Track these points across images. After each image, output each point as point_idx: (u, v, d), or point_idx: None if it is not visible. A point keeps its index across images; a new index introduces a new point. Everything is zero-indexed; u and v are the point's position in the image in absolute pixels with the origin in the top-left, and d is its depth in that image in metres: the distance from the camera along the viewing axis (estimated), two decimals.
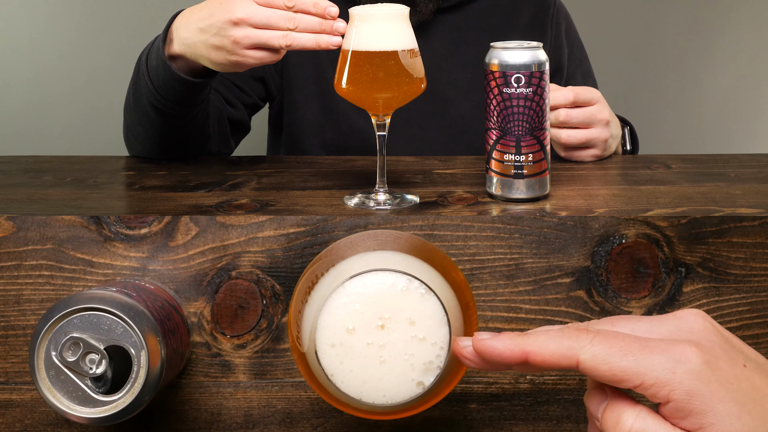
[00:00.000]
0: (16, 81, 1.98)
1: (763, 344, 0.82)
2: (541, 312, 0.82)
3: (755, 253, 0.81)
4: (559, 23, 1.37)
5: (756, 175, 0.98)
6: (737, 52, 2.09)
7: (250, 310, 0.82)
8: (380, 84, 0.84)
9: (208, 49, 0.95)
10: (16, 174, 1.02)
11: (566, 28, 1.38)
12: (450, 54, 1.32)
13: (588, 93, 1.07)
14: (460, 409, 0.83)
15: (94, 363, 0.70)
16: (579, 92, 1.06)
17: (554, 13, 1.37)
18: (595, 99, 1.07)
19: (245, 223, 0.81)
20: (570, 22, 1.40)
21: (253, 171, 1.02)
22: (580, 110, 1.07)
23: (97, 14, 1.97)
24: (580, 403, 0.83)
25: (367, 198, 0.87)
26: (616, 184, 0.96)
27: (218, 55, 0.94)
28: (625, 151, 1.20)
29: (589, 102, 1.07)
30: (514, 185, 0.87)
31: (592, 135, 1.07)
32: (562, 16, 1.38)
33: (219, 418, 0.83)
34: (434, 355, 0.64)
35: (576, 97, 1.05)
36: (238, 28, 0.91)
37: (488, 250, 0.81)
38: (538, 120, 0.86)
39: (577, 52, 1.39)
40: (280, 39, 0.90)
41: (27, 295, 0.82)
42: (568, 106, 1.06)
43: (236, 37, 0.91)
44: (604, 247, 0.81)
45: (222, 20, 0.92)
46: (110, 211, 0.83)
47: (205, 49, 0.95)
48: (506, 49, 0.85)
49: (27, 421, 0.83)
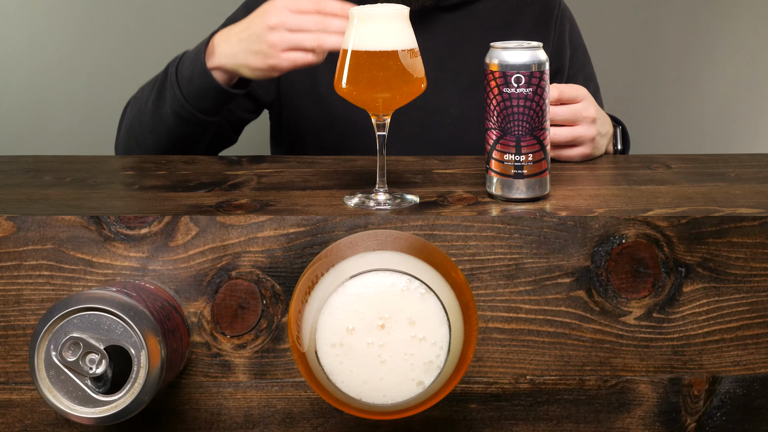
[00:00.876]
0: (16, 81, 1.98)
1: (763, 344, 0.82)
2: (541, 312, 0.82)
3: (755, 253, 0.81)
4: (563, 25, 1.37)
5: (756, 175, 0.98)
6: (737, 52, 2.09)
7: (250, 310, 0.82)
8: (380, 84, 0.84)
9: (248, 55, 1.05)
10: (16, 174, 1.02)
11: (570, 31, 1.38)
12: (453, 53, 1.32)
13: (573, 90, 1.06)
14: (460, 409, 0.83)
15: (94, 363, 0.70)
16: (563, 89, 1.05)
17: (558, 15, 1.37)
18: (580, 96, 1.07)
19: (245, 223, 0.81)
20: (574, 25, 1.40)
21: (253, 171, 1.02)
22: (564, 107, 1.06)
23: (97, 14, 1.97)
24: (580, 403, 0.83)
25: (367, 198, 0.87)
26: (616, 184, 0.96)
27: (257, 60, 1.05)
28: (616, 150, 1.20)
29: (575, 99, 1.06)
30: (514, 185, 0.87)
31: (578, 132, 1.07)
32: (566, 18, 1.38)
33: (219, 418, 0.83)
34: (434, 355, 0.64)
35: (560, 94, 1.05)
36: (275, 33, 1.02)
37: (488, 250, 0.81)
38: (538, 120, 0.86)
39: (580, 55, 1.39)
40: (311, 41, 1.00)
41: (27, 295, 0.82)
42: (553, 104, 1.05)
43: (273, 41, 1.02)
44: (604, 247, 0.81)
45: (260, 27, 1.03)
46: (110, 211, 0.83)
47: (245, 56, 1.06)
48: (506, 49, 0.85)
49: (27, 421, 0.83)
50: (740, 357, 0.82)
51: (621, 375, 0.83)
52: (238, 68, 1.08)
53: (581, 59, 1.39)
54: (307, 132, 1.33)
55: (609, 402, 0.83)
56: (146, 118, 1.20)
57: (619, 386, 0.83)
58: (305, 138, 1.34)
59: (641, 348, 0.82)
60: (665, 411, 0.83)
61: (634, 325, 0.82)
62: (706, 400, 0.83)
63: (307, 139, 1.34)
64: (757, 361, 0.83)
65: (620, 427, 0.83)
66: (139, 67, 2.01)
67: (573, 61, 1.38)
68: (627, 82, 2.06)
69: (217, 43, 1.10)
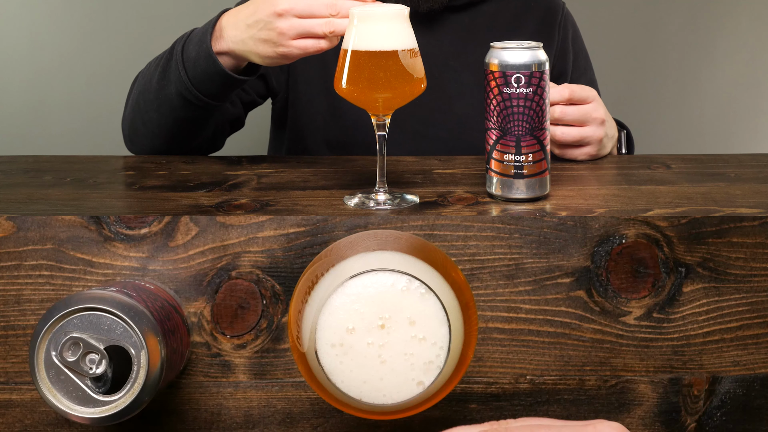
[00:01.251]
0: (16, 81, 1.98)
1: (763, 344, 0.82)
2: (541, 312, 0.82)
3: (755, 253, 0.81)
4: (567, 29, 1.38)
5: (756, 175, 0.98)
6: (737, 52, 2.09)
7: (250, 310, 0.82)
8: (380, 84, 0.84)
9: (256, 43, 1.00)
10: (16, 174, 1.02)
11: (573, 36, 1.39)
12: (458, 53, 1.32)
13: (584, 91, 1.07)
14: (460, 409, 0.83)
15: (94, 363, 0.70)
16: (575, 90, 1.06)
17: (562, 20, 1.38)
18: (591, 97, 1.08)
19: (245, 223, 0.81)
20: (577, 30, 1.41)
21: (253, 171, 1.02)
22: (575, 108, 1.07)
23: (97, 14, 1.97)
24: (580, 403, 0.83)
25: (367, 198, 0.87)
26: (616, 184, 0.96)
27: (266, 48, 0.99)
28: (620, 154, 1.21)
29: (585, 100, 1.07)
30: (514, 185, 0.87)
31: (587, 133, 1.08)
32: (569, 23, 1.39)
33: (219, 418, 0.83)
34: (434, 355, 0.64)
35: (571, 94, 1.06)
36: (283, 20, 0.96)
37: (488, 250, 0.81)
38: (538, 120, 0.86)
39: (582, 60, 1.40)
40: (323, 26, 0.95)
41: (27, 295, 0.82)
42: (563, 103, 1.06)
43: (282, 29, 0.96)
44: (604, 247, 0.81)
45: (267, 13, 0.97)
46: (110, 211, 0.83)
47: (254, 43, 1.00)
48: (506, 49, 0.85)
49: (27, 421, 0.83)
50: (740, 357, 0.82)
51: (621, 375, 0.83)
52: (247, 55, 1.03)
53: (583, 64, 1.40)
54: (311, 122, 1.33)
55: (609, 402, 0.83)
56: (151, 96, 1.15)
57: (619, 386, 0.83)
58: (308, 128, 1.33)
59: (641, 348, 0.82)
60: (665, 411, 0.83)
61: (634, 325, 0.82)
62: (706, 400, 0.83)
63: (310, 130, 1.33)
64: (757, 361, 0.83)
65: None
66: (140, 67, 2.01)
67: (575, 65, 1.39)
68: (627, 82, 2.06)
69: (224, 26, 1.05)
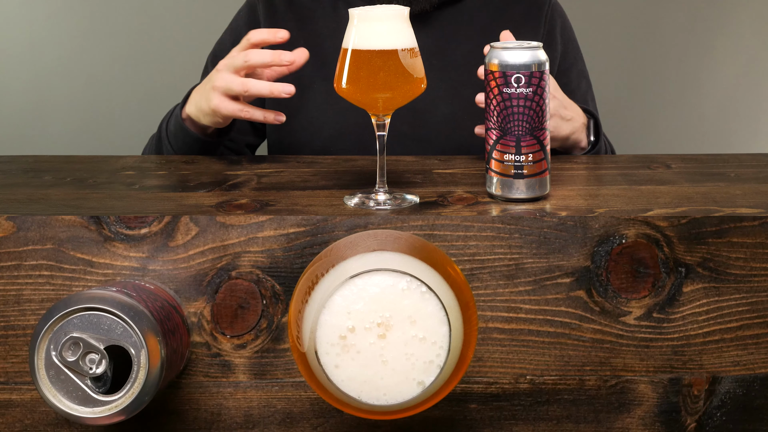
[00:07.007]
0: (16, 81, 1.98)
1: (763, 344, 0.82)
2: (541, 312, 0.82)
3: (755, 253, 0.81)
4: (554, 20, 1.37)
5: (756, 175, 0.98)
6: (737, 52, 2.09)
7: (250, 310, 0.82)
8: (380, 84, 0.84)
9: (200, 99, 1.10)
10: (16, 174, 1.02)
11: (561, 27, 1.38)
12: (441, 51, 1.31)
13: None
14: (460, 409, 0.83)
15: (94, 363, 0.70)
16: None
17: (548, 11, 1.36)
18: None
19: (245, 223, 0.81)
20: (566, 22, 1.40)
21: (253, 171, 1.02)
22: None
23: (97, 14, 1.97)
24: (580, 403, 0.83)
25: (367, 198, 0.87)
26: (616, 184, 0.96)
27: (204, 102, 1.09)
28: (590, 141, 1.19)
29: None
30: (514, 185, 0.87)
31: None
32: (557, 15, 1.38)
33: (219, 418, 0.83)
34: (434, 355, 0.64)
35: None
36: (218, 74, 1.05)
37: (488, 250, 0.81)
38: (538, 120, 0.86)
39: (571, 51, 1.39)
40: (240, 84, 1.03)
41: (27, 295, 0.82)
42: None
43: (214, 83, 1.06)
44: (604, 247, 0.81)
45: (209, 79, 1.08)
46: (110, 211, 0.83)
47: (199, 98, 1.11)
48: (506, 49, 0.85)
49: (27, 421, 0.83)
50: (740, 357, 0.82)
51: (621, 375, 0.83)
52: (198, 115, 1.12)
53: (573, 55, 1.39)
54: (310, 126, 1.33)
55: (609, 402, 0.83)
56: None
57: (619, 386, 0.83)
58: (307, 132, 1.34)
59: (641, 348, 0.82)
60: (665, 411, 0.83)
61: (634, 325, 0.82)
62: (706, 400, 0.83)
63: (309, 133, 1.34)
64: (757, 361, 0.83)
65: (620, 427, 0.83)
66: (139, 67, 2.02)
67: (565, 56, 1.38)
68: (627, 82, 2.06)
69: (192, 92, 1.15)
